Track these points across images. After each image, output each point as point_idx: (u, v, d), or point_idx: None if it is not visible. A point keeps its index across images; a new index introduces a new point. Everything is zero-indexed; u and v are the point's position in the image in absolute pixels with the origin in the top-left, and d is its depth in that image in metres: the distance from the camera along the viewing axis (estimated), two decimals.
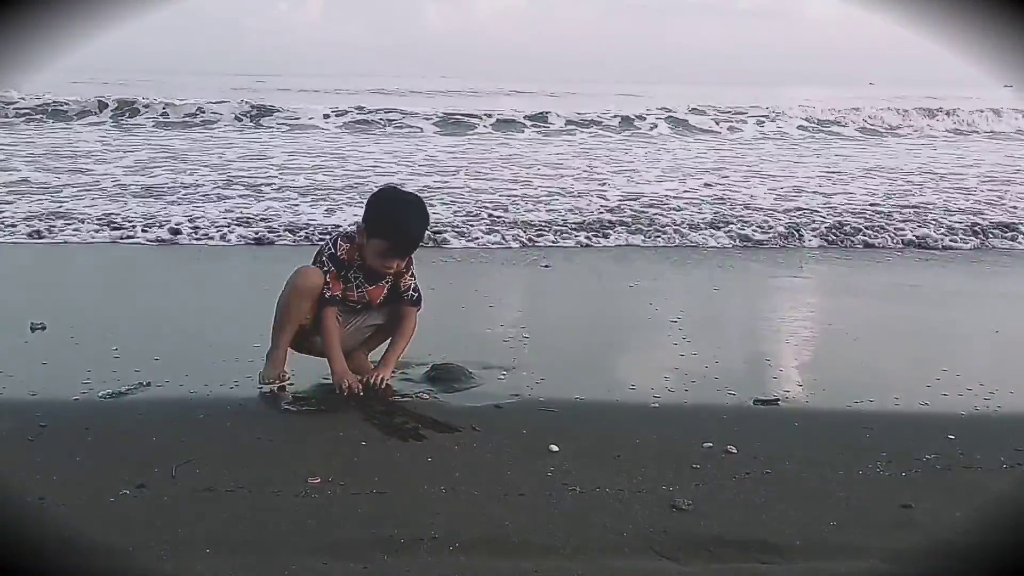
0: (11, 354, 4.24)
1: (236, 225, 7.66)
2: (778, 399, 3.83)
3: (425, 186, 9.70)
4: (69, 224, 7.51)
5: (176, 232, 7.39)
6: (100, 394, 3.66)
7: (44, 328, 4.54)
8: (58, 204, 8.39)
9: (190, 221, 7.73)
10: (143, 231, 7.36)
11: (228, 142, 14.79)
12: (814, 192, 10.35)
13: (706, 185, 10.73)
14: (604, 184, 10.65)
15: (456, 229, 7.63)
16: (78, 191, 9.18)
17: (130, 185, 9.69)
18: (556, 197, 9.49)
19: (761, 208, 9.09)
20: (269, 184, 9.96)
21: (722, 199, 9.62)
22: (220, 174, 10.63)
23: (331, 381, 3.77)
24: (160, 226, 7.51)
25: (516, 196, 9.44)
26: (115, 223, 7.59)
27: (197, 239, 7.32)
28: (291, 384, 3.85)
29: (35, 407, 3.47)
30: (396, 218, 3.72)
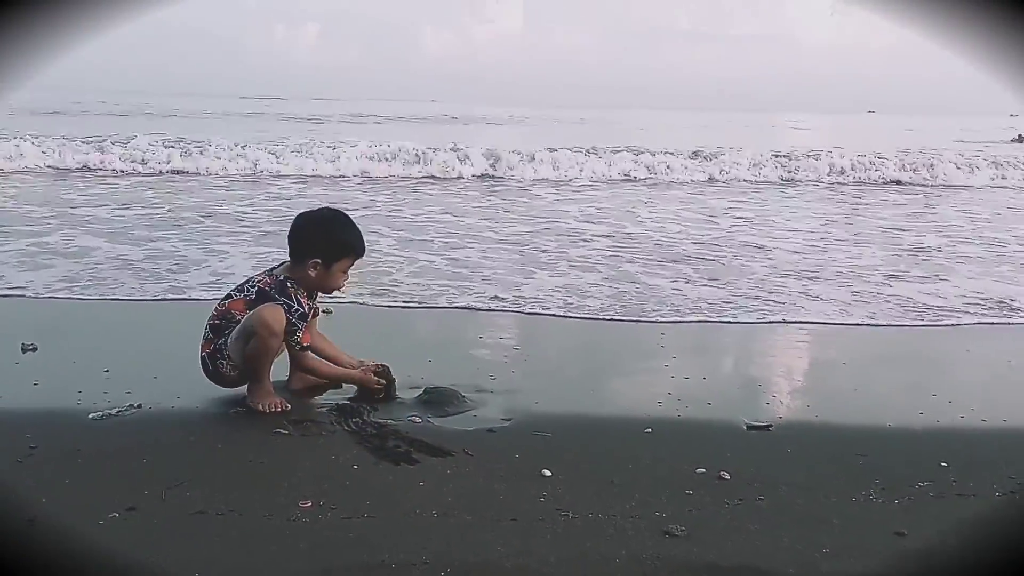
0: (2, 375, 4.22)
1: None
2: (770, 424, 3.83)
3: None
4: None
5: None
6: (91, 416, 3.64)
7: (35, 349, 4.53)
8: None
9: None
10: None
11: None
12: None
13: None
14: None
15: None
16: None
17: None
18: None
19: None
20: None
21: None
22: None
23: (319, 407, 3.87)
24: None
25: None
26: None
27: None
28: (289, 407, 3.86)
29: (25, 428, 3.45)
30: (347, 234, 3.98)
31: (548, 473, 3.21)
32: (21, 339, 4.60)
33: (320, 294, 4.08)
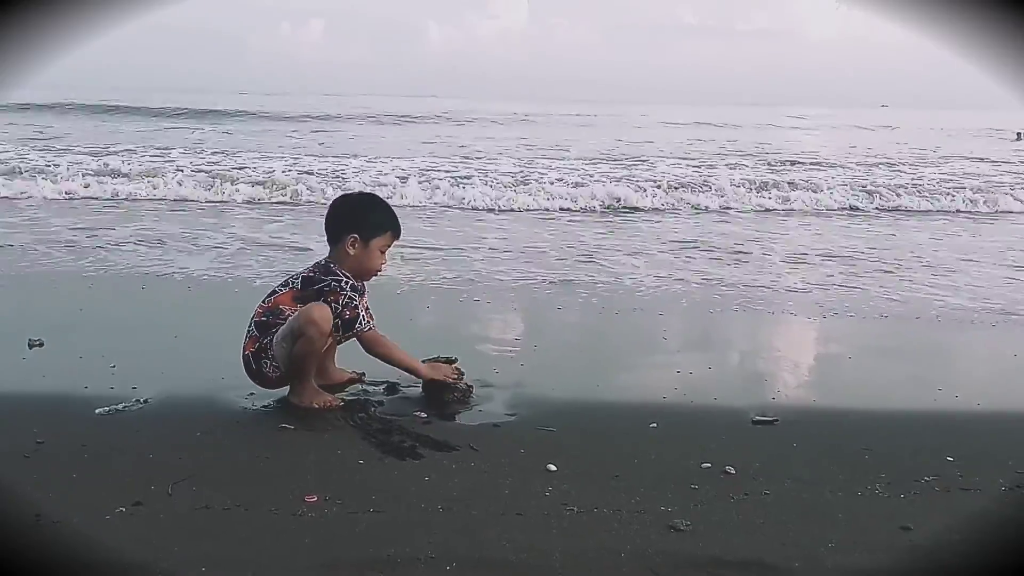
0: (9, 371, 4.24)
1: None
2: (776, 419, 3.82)
3: None
4: None
5: None
6: (97, 411, 3.66)
7: (42, 345, 4.54)
8: None
9: None
10: None
11: None
12: None
13: None
14: None
15: None
16: None
17: None
18: None
19: None
20: None
21: None
22: None
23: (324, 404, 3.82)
24: None
25: None
26: None
27: None
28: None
29: (32, 424, 3.46)
30: (383, 210, 4.03)
31: (553, 468, 3.21)
32: (28, 334, 4.61)
33: (363, 282, 3.99)
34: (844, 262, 8.18)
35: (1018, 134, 26.67)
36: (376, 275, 4.01)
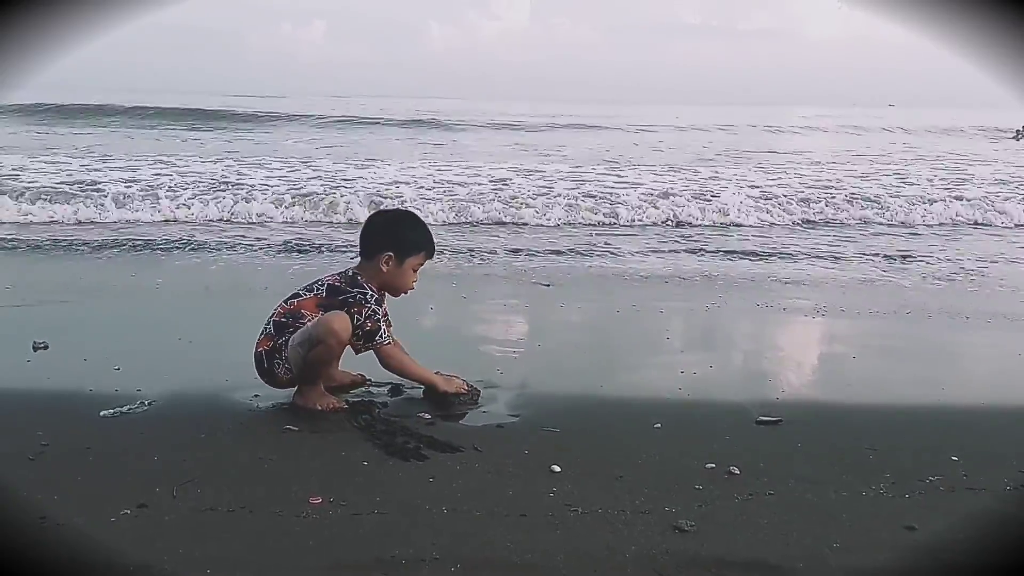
0: (13, 373, 4.25)
1: None
2: (780, 419, 3.81)
3: None
4: None
5: None
6: (102, 413, 3.66)
7: (46, 347, 4.55)
8: None
9: None
10: None
11: None
12: None
13: None
14: None
15: None
16: None
17: None
18: None
19: None
20: None
21: None
22: None
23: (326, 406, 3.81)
24: None
25: None
26: None
27: None
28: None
29: (37, 426, 3.47)
30: (420, 230, 4.00)
31: (557, 469, 3.21)
32: (32, 337, 4.62)
33: (389, 297, 4.01)
34: (846, 260, 8.19)
35: (1017, 131, 26.62)
36: (406, 294, 4.01)
